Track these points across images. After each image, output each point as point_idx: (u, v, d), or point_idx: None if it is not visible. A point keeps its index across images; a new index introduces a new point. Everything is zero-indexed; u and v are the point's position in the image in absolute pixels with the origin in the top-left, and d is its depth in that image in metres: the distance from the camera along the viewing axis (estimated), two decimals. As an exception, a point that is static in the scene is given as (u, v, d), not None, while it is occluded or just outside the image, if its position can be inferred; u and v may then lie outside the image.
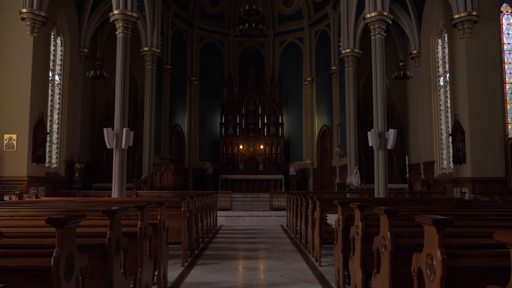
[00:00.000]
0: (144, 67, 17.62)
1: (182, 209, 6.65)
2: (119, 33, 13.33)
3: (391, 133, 13.03)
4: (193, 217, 7.63)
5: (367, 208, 4.24)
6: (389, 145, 13.13)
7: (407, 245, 3.33)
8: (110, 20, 13.70)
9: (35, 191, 11.72)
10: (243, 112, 22.68)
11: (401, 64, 17.99)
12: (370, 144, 13.44)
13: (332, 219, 6.58)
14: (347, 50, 17.27)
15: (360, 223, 4.17)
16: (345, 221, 5.06)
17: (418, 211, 5.99)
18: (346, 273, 5.05)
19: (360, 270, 4.14)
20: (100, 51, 17.90)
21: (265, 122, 22.65)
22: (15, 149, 12.57)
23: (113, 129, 12.99)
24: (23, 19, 12.54)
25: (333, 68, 20.03)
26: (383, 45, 13.63)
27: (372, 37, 13.76)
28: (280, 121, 22.57)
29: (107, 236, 3.03)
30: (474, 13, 13.32)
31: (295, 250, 8.41)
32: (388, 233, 3.28)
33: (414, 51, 17.50)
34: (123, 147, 12.94)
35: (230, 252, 8.12)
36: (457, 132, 13.92)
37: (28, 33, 12.65)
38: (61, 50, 15.84)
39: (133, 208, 4.11)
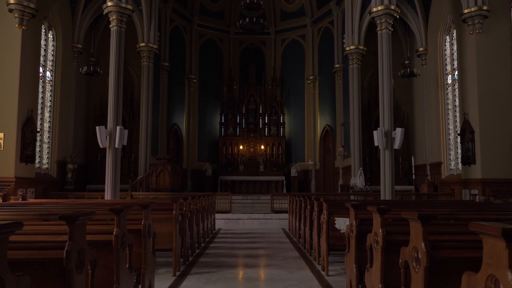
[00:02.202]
0: (141, 64, 16.99)
1: (174, 212, 5.99)
2: (113, 26, 12.70)
3: (398, 132, 12.44)
4: (187, 220, 6.96)
5: (389, 212, 3.59)
6: (396, 145, 12.55)
7: (445, 258, 2.68)
8: (104, 13, 13.06)
9: (22, 192, 11.08)
10: (244, 112, 21.97)
11: (406, 62, 17.36)
12: (376, 144, 12.84)
13: (341, 223, 5.93)
14: (352, 47, 16.66)
15: (380, 230, 3.52)
16: (359, 227, 4.41)
17: (438, 214, 5.35)
18: (360, 286, 4.39)
19: (380, 286, 3.49)
20: (94, 47, 17.23)
21: (266, 121, 21.94)
22: (2, 148, 11.89)
23: (106, 128, 12.35)
24: (10, 10, 11.87)
25: (337, 66, 19.42)
26: (390, 41, 13.02)
27: (379, 32, 13.15)
28: (281, 121, 21.87)
29: (66, 249, 2.37)
30: (485, 7, 12.75)
31: (298, 256, 7.75)
32: (423, 244, 2.62)
33: (421, 49, 16.87)
34: (116, 146, 12.31)
35: (228, 259, 7.46)
36: (466, 132, 13.27)
37: (16, 25, 11.97)
38: (53, 45, 15.16)
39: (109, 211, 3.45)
